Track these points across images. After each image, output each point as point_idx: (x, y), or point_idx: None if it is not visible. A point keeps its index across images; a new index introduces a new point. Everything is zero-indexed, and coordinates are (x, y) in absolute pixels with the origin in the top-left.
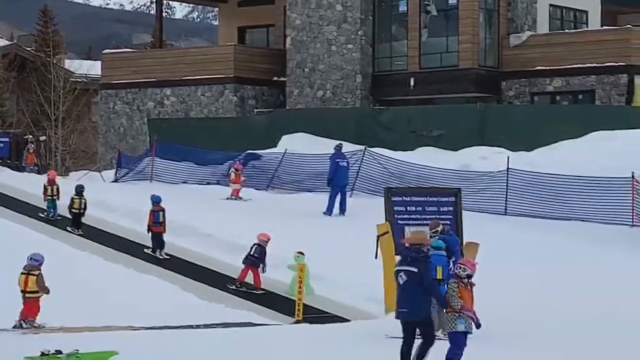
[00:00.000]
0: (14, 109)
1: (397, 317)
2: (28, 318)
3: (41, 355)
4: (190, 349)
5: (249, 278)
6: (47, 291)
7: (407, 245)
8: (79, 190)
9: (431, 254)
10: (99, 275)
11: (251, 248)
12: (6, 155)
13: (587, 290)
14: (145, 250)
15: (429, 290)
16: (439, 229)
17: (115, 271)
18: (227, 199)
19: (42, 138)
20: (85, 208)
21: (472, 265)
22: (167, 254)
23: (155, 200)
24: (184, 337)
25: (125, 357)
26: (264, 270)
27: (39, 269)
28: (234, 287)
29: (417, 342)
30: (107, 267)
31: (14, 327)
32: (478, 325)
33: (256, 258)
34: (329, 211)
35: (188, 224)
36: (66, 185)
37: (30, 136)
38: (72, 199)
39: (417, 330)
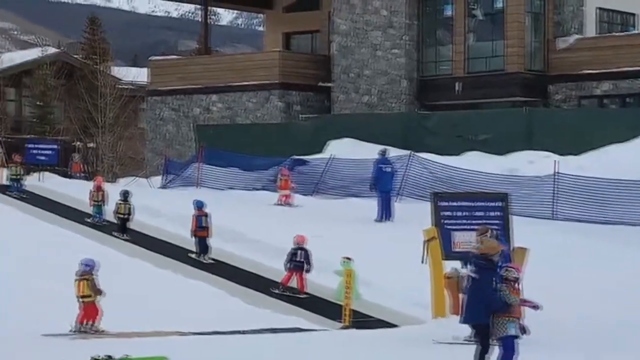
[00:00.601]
0: (62, 116)
1: (460, 322)
2: (89, 322)
3: None
4: (238, 354)
5: (293, 282)
6: (100, 293)
7: (477, 252)
8: (125, 195)
9: None
10: (147, 280)
11: (294, 253)
12: (55, 162)
13: (637, 297)
14: (190, 254)
15: (488, 299)
16: (488, 234)
17: (163, 277)
18: (275, 204)
19: (90, 145)
20: (130, 213)
21: (518, 269)
22: (211, 259)
23: (199, 205)
24: (232, 343)
25: None
26: (308, 271)
27: (91, 274)
28: (277, 291)
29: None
30: (156, 272)
31: (70, 331)
32: (524, 331)
33: (298, 261)
34: (379, 217)
35: (235, 230)
36: (114, 192)
37: (79, 143)
38: (118, 204)
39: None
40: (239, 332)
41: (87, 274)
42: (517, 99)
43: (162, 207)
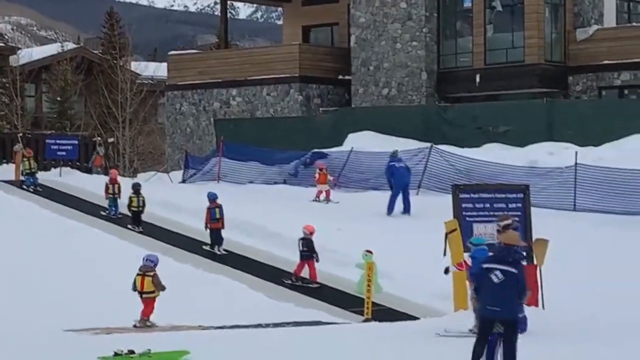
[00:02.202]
0: (82, 111)
1: (485, 315)
2: (143, 317)
3: (114, 355)
4: (260, 348)
5: (305, 273)
6: (163, 289)
7: (501, 244)
8: (136, 188)
9: (478, 249)
10: (168, 274)
11: (299, 243)
12: (75, 157)
13: None
14: (204, 247)
15: (522, 293)
16: (509, 221)
17: (184, 270)
18: (314, 200)
19: (110, 140)
20: (143, 205)
21: None
22: (225, 250)
23: (212, 197)
24: (254, 337)
25: (197, 356)
26: (317, 260)
27: (154, 270)
28: (289, 281)
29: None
30: (176, 266)
31: (135, 326)
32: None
33: (307, 251)
34: (389, 211)
35: (256, 224)
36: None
37: (99, 138)
38: (130, 197)
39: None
40: (261, 325)
41: (150, 270)
42: (536, 90)
43: (183, 201)
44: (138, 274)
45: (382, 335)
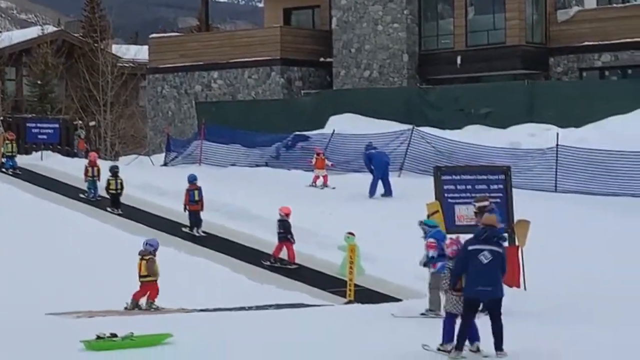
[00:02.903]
0: (63, 95)
1: (475, 296)
2: (149, 300)
3: (97, 338)
4: (243, 330)
5: (285, 254)
6: (155, 275)
7: (482, 225)
8: (114, 170)
9: (435, 231)
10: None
11: (277, 225)
12: (56, 141)
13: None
14: (183, 229)
15: (504, 271)
16: (484, 203)
17: (165, 253)
18: (310, 185)
19: (92, 123)
20: (122, 188)
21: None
22: (204, 232)
23: (191, 179)
24: (236, 319)
25: (179, 339)
26: (292, 242)
27: (153, 254)
28: (268, 262)
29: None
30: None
31: (126, 308)
32: None
33: (283, 233)
34: (371, 194)
35: (238, 206)
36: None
37: (80, 122)
38: (108, 180)
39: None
40: (243, 308)
41: (148, 253)
42: (518, 71)
43: (164, 184)
44: (139, 258)
45: (364, 316)
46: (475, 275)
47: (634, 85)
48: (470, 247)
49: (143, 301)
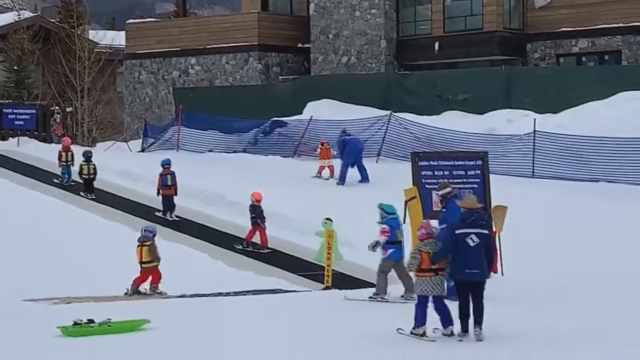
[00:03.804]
0: (40, 80)
1: (464, 278)
2: (152, 285)
3: (74, 324)
4: (221, 316)
5: (257, 239)
6: (159, 259)
7: (464, 209)
8: (87, 155)
9: (391, 217)
10: (128, 244)
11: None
12: (33, 127)
13: (617, 252)
14: (156, 213)
15: (490, 253)
16: (447, 190)
17: None
18: (315, 177)
19: (69, 109)
20: (94, 172)
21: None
22: (177, 216)
23: (164, 164)
24: (214, 305)
25: (157, 325)
26: (264, 226)
27: (153, 240)
28: (241, 246)
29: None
30: (135, 236)
31: (126, 294)
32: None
33: (254, 218)
34: (341, 180)
35: (216, 192)
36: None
37: (57, 107)
38: (81, 165)
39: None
40: (220, 294)
41: (148, 240)
42: (495, 57)
43: (140, 170)
44: (137, 245)
45: (341, 302)
46: (463, 258)
47: (610, 71)
48: (458, 231)
49: (145, 287)
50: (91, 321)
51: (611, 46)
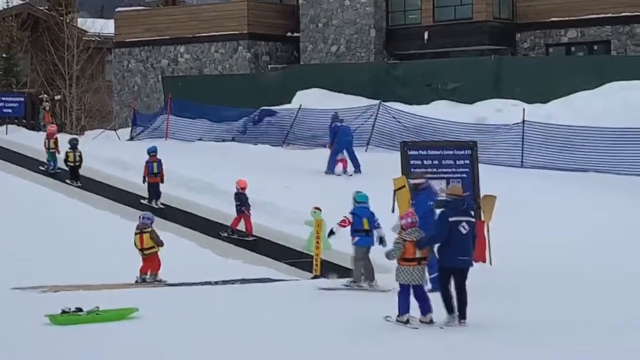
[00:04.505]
0: (28, 68)
1: (455, 265)
2: (152, 273)
3: (62, 312)
4: (209, 304)
5: (242, 227)
6: (162, 244)
7: (451, 196)
8: (73, 143)
9: (360, 207)
10: (116, 232)
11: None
12: (21, 114)
13: (605, 241)
14: (142, 200)
15: (475, 240)
16: (420, 181)
17: (131, 228)
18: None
19: (57, 97)
20: (80, 160)
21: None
22: (162, 204)
23: (150, 151)
24: (202, 293)
25: (145, 314)
26: (249, 214)
27: (151, 226)
28: (226, 234)
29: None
30: (124, 224)
31: (136, 282)
32: None
33: (239, 205)
34: (330, 169)
35: (205, 181)
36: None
37: (45, 95)
38: (67, 152)
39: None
40: (209, 282)
41: (147, 226)
42: (485, 47)
43: (129, 159)
44: (136, 233)
45: (330, 291)
46: (456, 245)
47: (599, 61)
48: (451, 219)
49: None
50: (79, 309)
51: (600, 36)
